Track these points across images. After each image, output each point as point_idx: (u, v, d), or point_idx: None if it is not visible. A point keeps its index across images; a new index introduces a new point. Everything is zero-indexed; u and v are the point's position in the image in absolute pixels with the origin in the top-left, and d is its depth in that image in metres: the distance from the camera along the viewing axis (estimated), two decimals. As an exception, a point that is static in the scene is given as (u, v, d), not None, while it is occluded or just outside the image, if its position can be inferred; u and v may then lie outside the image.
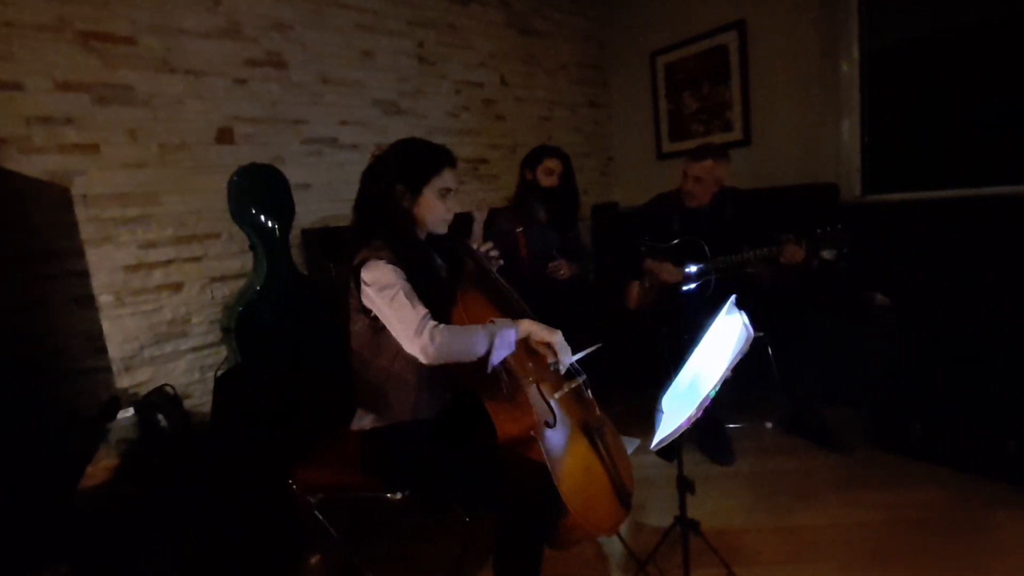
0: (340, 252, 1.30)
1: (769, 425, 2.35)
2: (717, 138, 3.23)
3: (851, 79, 2.69)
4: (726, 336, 1.11)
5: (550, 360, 1.21)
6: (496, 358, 1.15)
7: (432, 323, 1.13)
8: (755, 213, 2.27)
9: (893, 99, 2.64)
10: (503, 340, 1.15)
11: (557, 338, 1.20)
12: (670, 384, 1.24)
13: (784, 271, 2.09)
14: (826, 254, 2.05)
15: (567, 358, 1.21)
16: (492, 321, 1.19)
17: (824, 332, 2.19)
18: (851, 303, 2.43)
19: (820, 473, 1.97)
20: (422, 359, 1.12)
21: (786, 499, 1.83)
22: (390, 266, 1.17)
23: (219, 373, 2.16)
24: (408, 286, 1.17)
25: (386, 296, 1.15)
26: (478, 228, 2.17)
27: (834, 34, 2.68)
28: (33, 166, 1.80)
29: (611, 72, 3.81)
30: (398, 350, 1.21)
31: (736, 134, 3.18)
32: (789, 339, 2.14)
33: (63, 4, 1.84)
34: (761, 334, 2.13)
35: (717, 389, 0.98)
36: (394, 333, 1.17)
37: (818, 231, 1.99)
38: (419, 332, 1.11)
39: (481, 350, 1.14)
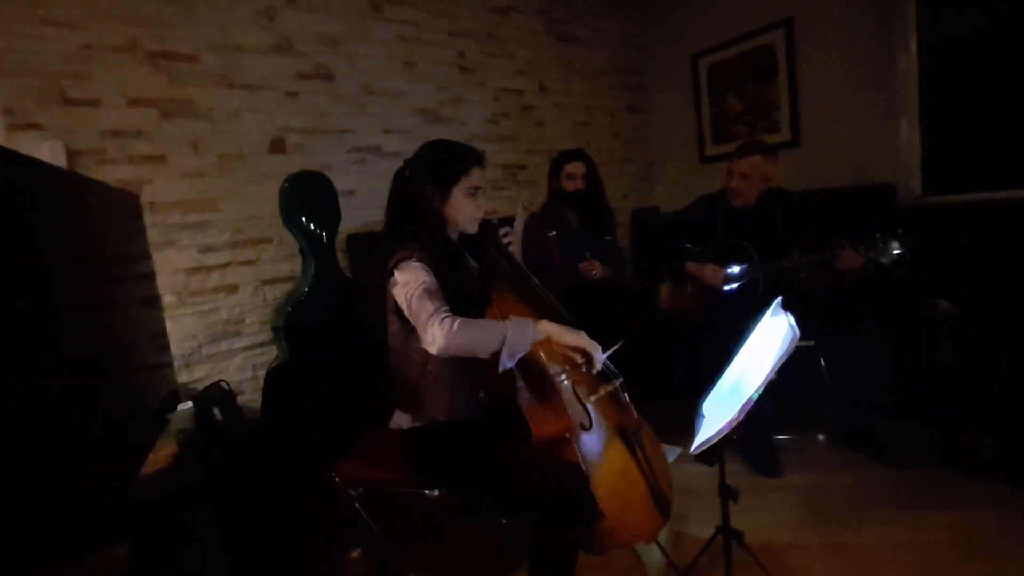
0: (376, 255, 1.32)
1: (821, 438, 2.24)
2: (763, 139, 3.13)
3: (909, 74, 2.55)
4: (771, 338, 1.07)
5: (579, 361, 1.18)
6: (508, 357, 1.11)
7: (445, 315, 1.11)
8: (805, 216, 2.17)
9: (955, 94, 2.48)
10: (517, 338, 1.11)
11: (583, 339, 1.16)
12: (712, 388, 1.20)
13: (840, 278, 1.99)
14: (884, 259, 1.93)
15: (599, 355, 1.17)
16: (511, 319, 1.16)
17: (882, 342, 2.07)
18: (912, 311, 2.29)
19: (877, 490, 1.86)
20: (432, 350, 1.11)
21: (838, 515, 1.73)
22: (420, 264, 1.20)
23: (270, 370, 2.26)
24: (433, 283, 1.18)
25: (409, 292, 1.16)
26: (519, 224, 2.19)
27: (889, 27, 2.56)
28: (107, 176, 1.94)
29: (651, 76, 3.77)
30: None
31: (783, 135, 3.08)
32: (843, 349, 2.04)
33: (135, 27, 1.99)
34: (812, 343, 2.04)
35: (761, 391, 0.95)
36: (416, 327, 1.17)
37: (877, 235, 1.87)
38: (430, 323, 1.11)
39: (493, 346, 1.11)
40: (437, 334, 1.09)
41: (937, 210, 2.49)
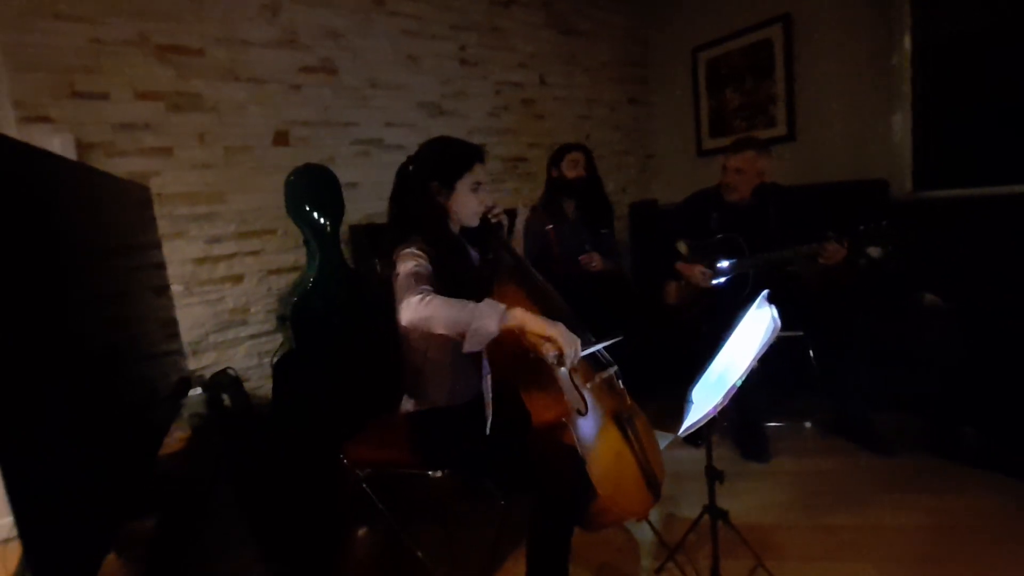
0: (378, 245, 1.37)
1: (808, 425, 2.31)
2: (760, 134, 3.15)
3: (903, 70, 2.59)
4: (756, 329, 1.13)
5: (550, 354, 1.09)
6: (470, 344, 1.08)
7: (422, 293, 1.12)
8: (799, 211, 2.22)
9: (948, 91, 2.52)
10: (483, 321, 1.07)
11: (556, 330, 1.08)
12: (700, 376, 1.26)
13: (830, 271, 2.04)
14: (873, 252, 1.98)
15: (571, 351, 1.08)
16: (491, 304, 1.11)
17: (872, 334, 2.13)
18: (901, 304, 2.35)
19: (863, 475, 1.93)
20: (401, 321, 1.13)
21: (825, 499, 1.80)
22: (418, 251, 1.24)
23: (275, 359, 2.32)
24: (426, 268, 1.21)
25: (400, 274, 1.20)
26: (520, 224, 2.23)
27: (886, 25, 2.60)
28: (116, 168, 1.99)
29: (651, 69, 3.80)
30: (431, 338, 1.27)
31: (780, 129, 3.12)
32: (832, 339, 2.10)
33: (144, 21, 2.03)
34: (800, 333, 2.10)
35: (744, 378, 1.01)
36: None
37: (861, 227, 1.93)
38: (406, 297, 1.12)
39: (458, 325, 1.08)
40: (406, 306, 1.11)
41: (928, 205, 2.55)
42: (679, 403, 1.25)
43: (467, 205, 1.35)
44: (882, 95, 2.66)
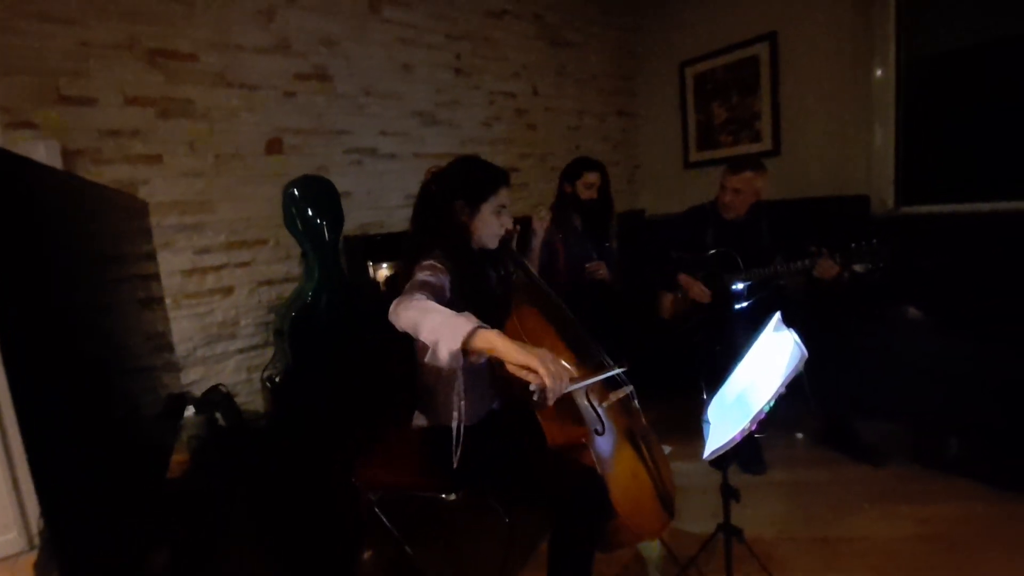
0: (401, 262, 1.36)
1: (800, 436, 2.37)
2: (745, 148, 3.26)
3: (886, 85, 2.69)
4: (775, 352, 1.16)
5: (532, 386, 0.94)
6: (431, 356, 0.98)
7: (417, 297, 1.07)
8: (789, 226, 2.29)
9: (930, 107, 2.62)
10: (443, 338, 0.96)
11: (535, 360, 0.92)
12: (713, 396, 1.28)
13: (817, 284, 2.11)
14: (858, 267, 2.06)
15: (556, 385, 0.92)
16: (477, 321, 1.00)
17: (857, 345, 2.20)
18: (884, 317, 2.43)
19: (854, 485, 1.99)
20: (389, 316, 1.08)
21: (820, 510, 1.85)
22: (438, 265, 1.23)
23: (266, 374, 2.26)
24: (439, 281, 1.19)
25: (413, 279, 1.18)
26: (536, 241, 2.14)
27: (869, 41, 2.69)
28: (103, 176, 1.91)
29: (640, 82, 3.86)
30: None
31: (765, 144, 3.20)
32: (820, 351, 2.15)
33: (133, 24, 1.95)
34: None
35: (771, 404, 1.03)
36: None
37: (852, 245, 2.00)
38: (400, 297, 1.09)
39: (424, 334, 0.99)
40: (395, 305, 1.08)
41: (910, 221, 2.65)
42: (673, 413, 1.24)
43: (489, 227, 1.35)
44: (864, 113, 2.76)
